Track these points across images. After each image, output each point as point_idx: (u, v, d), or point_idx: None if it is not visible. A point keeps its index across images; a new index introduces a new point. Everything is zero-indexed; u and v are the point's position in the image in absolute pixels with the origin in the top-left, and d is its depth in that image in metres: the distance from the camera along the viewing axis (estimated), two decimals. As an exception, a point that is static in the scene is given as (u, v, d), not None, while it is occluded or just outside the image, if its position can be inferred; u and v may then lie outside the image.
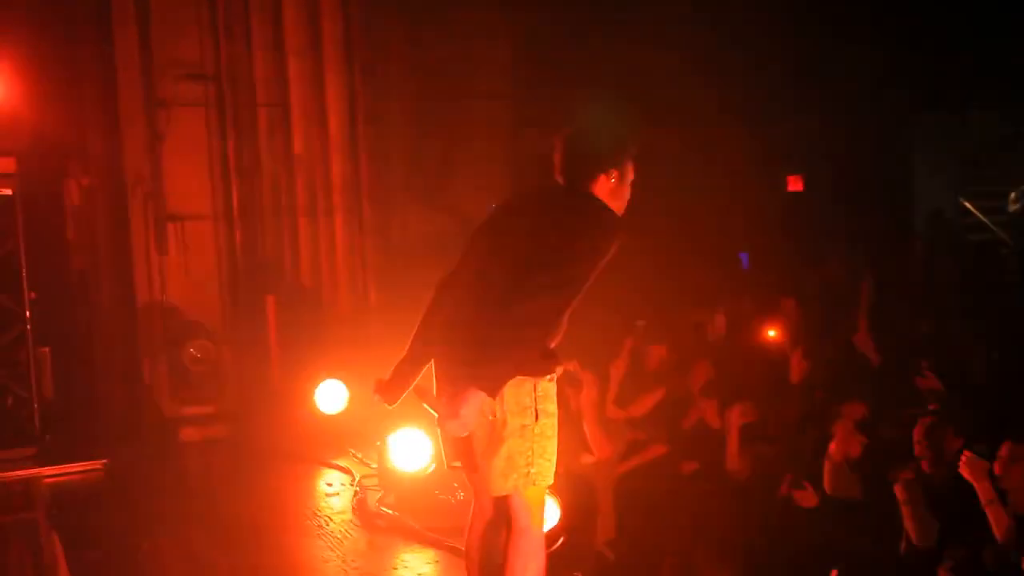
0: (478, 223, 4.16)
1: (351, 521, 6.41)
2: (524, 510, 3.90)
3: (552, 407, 3.83)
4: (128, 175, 8.61)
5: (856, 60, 10.76)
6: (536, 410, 3.76)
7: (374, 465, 6.94)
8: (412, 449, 6.42)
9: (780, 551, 6.18)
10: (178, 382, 8.38)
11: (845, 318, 7.81)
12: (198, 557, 5.88)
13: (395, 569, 5.64)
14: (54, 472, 7.26)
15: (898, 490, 5.41)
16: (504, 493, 3.90)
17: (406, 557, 5.79)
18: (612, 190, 3.92)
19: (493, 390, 3.59)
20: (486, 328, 3.65)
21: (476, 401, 3.57)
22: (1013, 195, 11.27)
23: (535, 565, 3.94)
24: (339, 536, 6.18)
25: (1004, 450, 5.25)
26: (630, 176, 3.99)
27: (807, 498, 6.10)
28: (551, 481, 3.96)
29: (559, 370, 3.88)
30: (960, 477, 5.11)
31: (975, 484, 5.10)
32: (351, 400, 7.93)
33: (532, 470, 3.83)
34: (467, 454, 3.97)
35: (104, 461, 7.44)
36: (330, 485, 7.14)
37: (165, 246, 8.69)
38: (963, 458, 5.15)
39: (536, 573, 3.95)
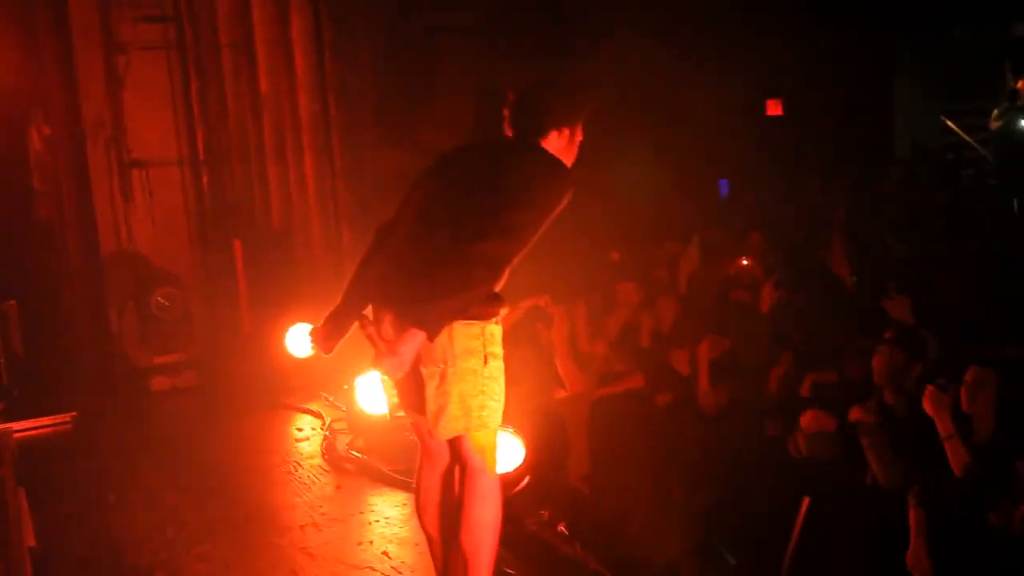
0: (422, 170, 4.07)
1: (320, 466, 6.36)
2: (478, 452, 3.88)
3: (499, 349, 3.80)
4: (88, 122, 8.42)
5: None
6: (485, 354, 3.72)
7: (344, 408, 6.86)
8: (381, 392, 6.33)
9: (755, 479, 6.15)
10: (146, 331, 8.27)
11: (822, 244, 7.70)
12: (165, 507, 5.84)
13: (361, 513, 5.61)
14: (23, 427, 7.18)
15: (860, 434, 5.35)
16: (454, 435, 3.86)
17: (373, 500, 5.76)
18: (561, 148, 3.87)
19: (434, 331, 3.53)
20: (431, 268, 3.57)
21: (416, 341, 3.51)
22: (996, 112, 11.08)
23: (492, 505, 3.93)
24: (307, 481, 6.14)
25: (969, 375, 5.16)
26: (579, 136, 3.94)
27: (772, 427, 6.07)
28: (499, 422, 3.94)
29: (503, 312, 3.81)
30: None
31: (935, 418, 5.03)
32: (322, 343, 7.81)
33: (483, 413, 3.81)
34: (414, 398, 3.88)
35: (73, 414, 7.37)
36: (300, 430, 7.08)
37: (130, 193, 8.54)
38: (926, 392, 5.08)
39: (493, 513, 3.93)
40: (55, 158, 8.68)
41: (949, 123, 12.19)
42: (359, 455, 6.30)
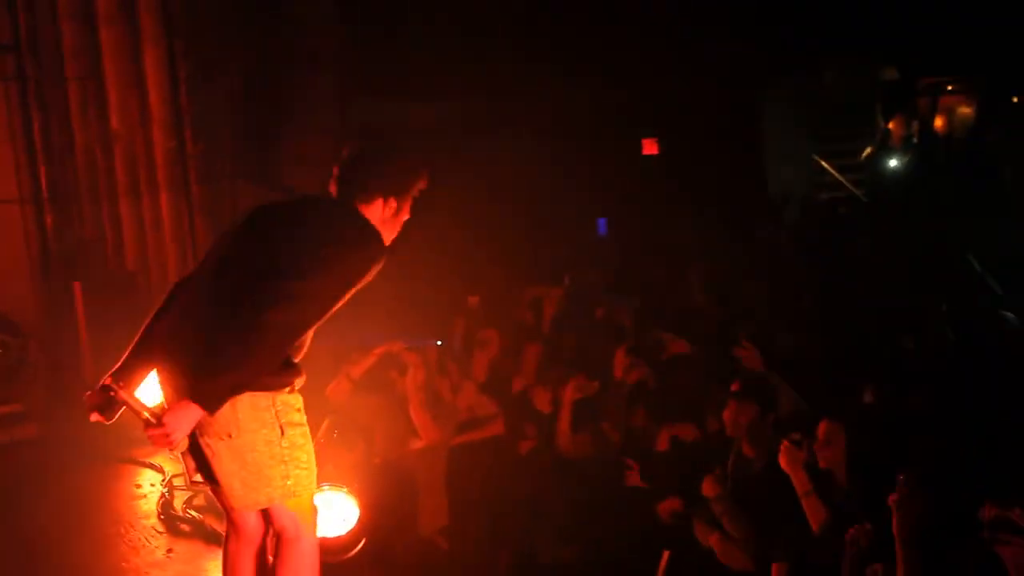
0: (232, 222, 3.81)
1: (153, 527, 5.96)
2: (290, 520, 3.65)
3: (298, 416, 3.55)
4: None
5: (708, 22, 10.55)
6: (280, 425, 3.47)
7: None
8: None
9: (617, 532, 5.97)
10: (-19, 381, 7.76)
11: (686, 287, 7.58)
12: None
13: (190, 579, 5.23)
14: None
15: (707, 493, 5.22)
16: (258, 507, 3.64)
17: (205, 566, 5.41)
18: (385, 219, 3.64)
19: (212, 406, 3.23)
20: (215, 334, 3.26)
21: (189, 414, 3.20)
22: (867, 151, 11.22)
23: (308, 573, 3.70)
24: (138, 544, 5.74)
25: (820, 430, 5.03)
26: (406, 214, 3.73)
27: (633, 478, 5.92)
28: (314, 488, 3.71)
29: (300, 382, 3.56)
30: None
31: (791, 475, 4.89)
32: (169, 392, 7.41)
33: (288, 483, 3.55)
34: (204, 469, 3.58)
35: None
36: (139, 487, 6.65)
37: (-34, 233, 8.04)
38: (780, 448, 4.94)
39: None
40: None
41: (823, 163, 12.30)
42: (196, 515, 5.91)
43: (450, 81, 9.78)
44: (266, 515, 3.72)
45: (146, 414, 3.29)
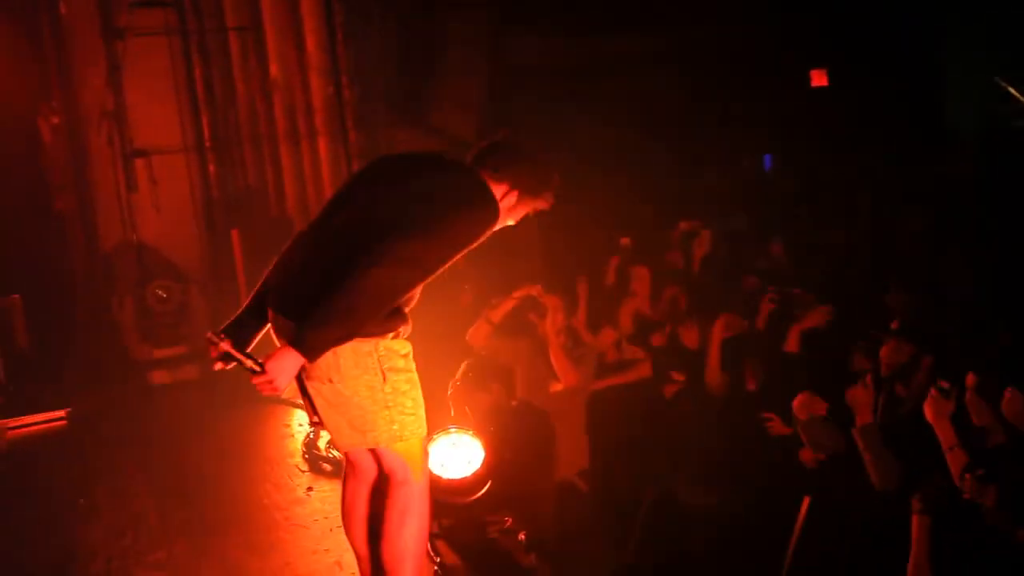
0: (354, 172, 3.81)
1: (297, 465, 6.12)
2: (399, 464, 3.61)
3: (402, 363, 3.48)
4: (89, 111, 8.27)
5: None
6: (382, 371, 3.42)
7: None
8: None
9: (758, 477, 5.80)
10: (145, 324, 8.10)
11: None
12: (132, 511, 5.67)
13: (326, 518, 5.33)
14: (16, 424, 7.07)
15: (855, 437, 4.96)
16: (364, 448, 3.63)
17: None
18: (508, 202, 3.58)
19: (312, 355, 3.23)
20: (322, 288, 3.24)
21: (291, 362, 3.21)
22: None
23: (414, 519, 3.65)
24: (280, 482, 5.91)
25: (970, 380, 4.72)
26: (520, 212, 3.65)
27: (778, 427, 5.71)
28: (423, 432, 3.64)
29: (406, 330, 3.51)
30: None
31: (935, 426, 4.60)
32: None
33: (393, 427, 3.51)
34: (313, 412, 3.61)
35: (68, 410, 7.24)
36: (287, 427, 6.86)
37: (134, 182, 8.38)
38: (928, 397, 4.65)
39: (417, 526, 3.67)
40: (62, 148, 8.56)
41: (1011, 89, 11.51)
42: (337, 455, 6.02)
43: (603, 16, 9.56)
44: (376, 457, 3.71)
45: (249, 363, 3.32)
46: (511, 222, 3.70)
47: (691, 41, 10.22)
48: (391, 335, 3.46)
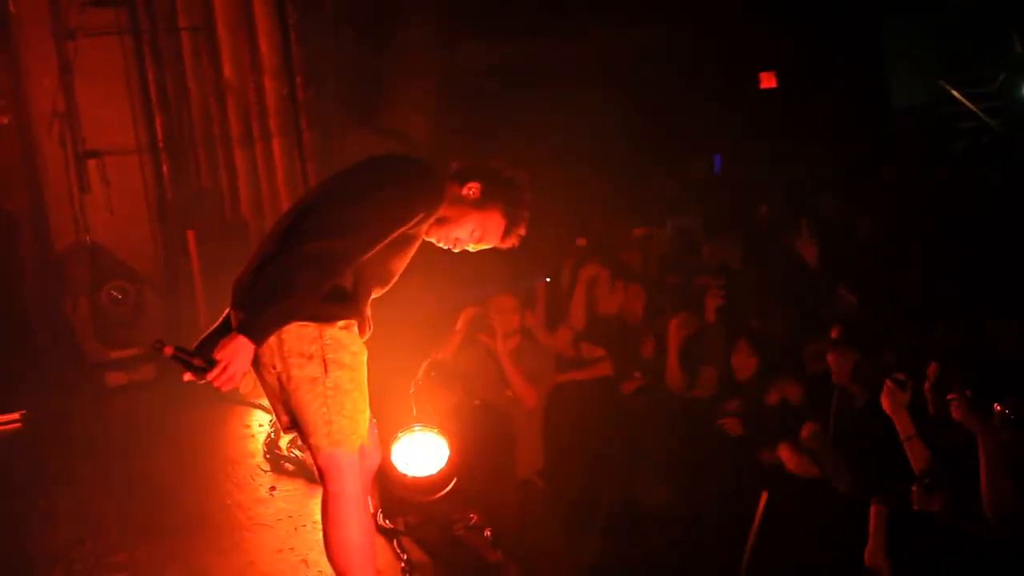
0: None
1: (259, 465, 6.13)
2: (330, 471, 3.50)
3: (348, 358, 3.44)
4: (40, 112, 8.20)
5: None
6: (324, 360, 3.38)
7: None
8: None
9: (717, 474, 5.90)
10: (100, 325, 8.05)
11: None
12: (92, 514, 5.61)
13: (290, 517, 5.36)
14: (-31, 426, 7.00)
15: (806, 441, 5.09)
16: (316, 453, 3.51)
17: (306, 503, 5.51)
18: (459, 199, 3.60)
19: (258, 336, 3.21)
20: (261, 269, 3.29)
21: (240, 348, 3.20)
22: (1001, 78, 10.70)
23: (351, 527, 3.54)
24: (242, 482, 5.92)
25: (931, 371, 4.86)
26: (467, 224, 3.63)
27: (734, 427, 5.85)
28: (356, 442, 3.51)
29: (355, 322, 3.50)
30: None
31: (893, 417, 4.73)
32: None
33: (330, 428, 3.43)
34: (272, 406, 3.63)
35: (22, 412, 7.18)
36: (247, 427, 6.85)
37: (87, 183, 8.32)
38: (884, 388, 4.77)
39: (355, 533, 3.55)
40: (11, 149, 8.47)
41: (952, 91, 11.78)
42: (299, 454, 6.04)
43: (552, 20, 9.64)
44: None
45: (198, 361, 3.29)
46: (460, 235, 3.64)
47: (641, 44, 10.35)
48: (340, 323, 3.43)
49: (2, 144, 8.57)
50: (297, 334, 3.34)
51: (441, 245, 3.68)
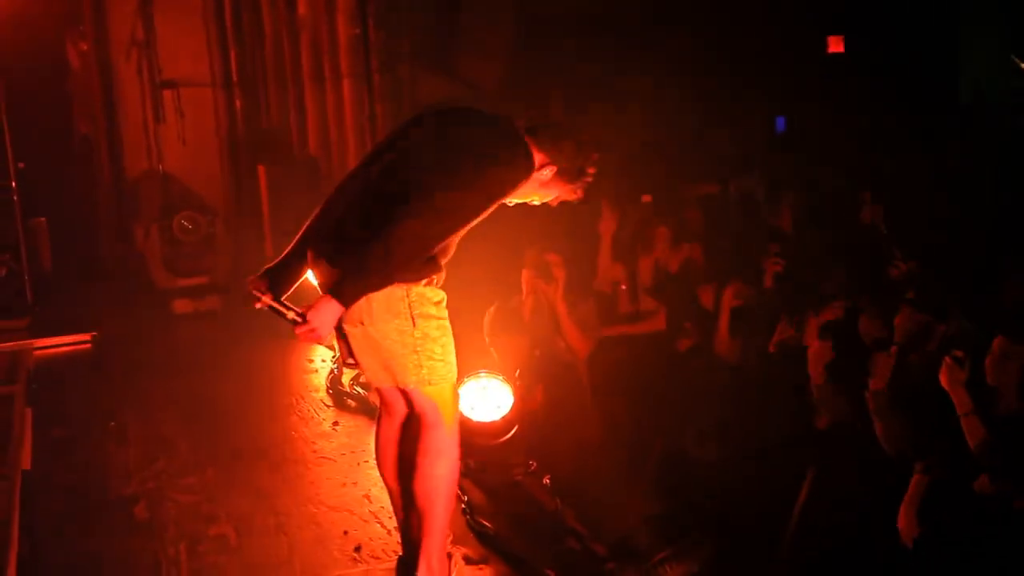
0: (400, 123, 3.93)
1: (322, 400, 6.33)
2: (430, 407, 3.75)
3: (434, 310, 3.62)
4: (119, 41, 8.35)
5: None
6: (412, 316, 3.56)
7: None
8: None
9: (766, 436, 6.00)
10: (170, 253, 8.25)
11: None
12: (163, 436, 5.86)
13: (353, 452, 5.54)
14: (43, 344, 7.24)
15: (868, 400, 5.15)
16: (395, 387, 3.77)
17: (367, 440, 5.63)
18: (546, 174, 3.73)
19: (348, 301, 3.40)
20: (360, 236, 3.43)
21: (331, 311, 3.38)
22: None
23: (445, 461, 3.79)
24: (307, 416, 6.11)
25: (996, 346, 4.91)
26: (549, 191, 3.80)
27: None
28: (453, 379, 3.77)
29: (439, 278, 3.65)
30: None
31: (951, 393, 4.80)
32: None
33: (423, 372, 3.65)
34: (351, 352, 3.78)
35: (93, 333, 7.41)
36: (311, 362, 7.05)
37: (162, 113, 8.48)
38: (943, 365, 4.84)
39: (447, 468, 3.80)
40: (91, 76, 8.64)
41: (1022, 65, 11.63)
42: (361, 391, 6.23)
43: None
44: (408, 397, 3.81)
45: (291, 315, 3.48)
46: (536, 200, 3.84)
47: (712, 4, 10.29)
48: (423, 282, 3.59)
49: (81, 70, 8.73)
50: (386, 294, 3.50)
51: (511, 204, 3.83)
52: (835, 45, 11.17)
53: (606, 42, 9.70)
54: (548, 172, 3.74)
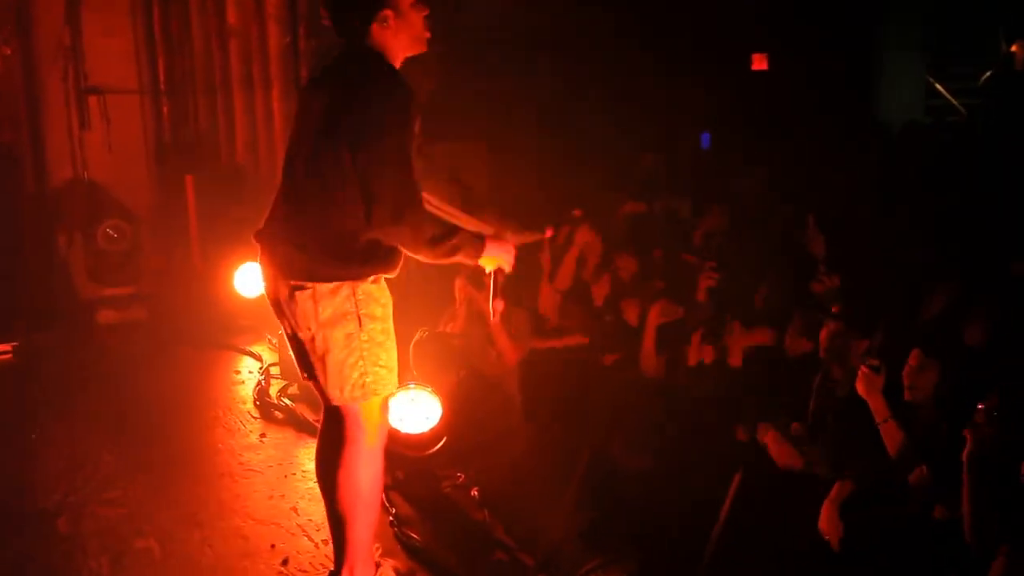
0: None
1: (249, 412, 6.30)
2: (354, 421, 3.74)
3: (378, 310, 3.63)
4: (45, 45, 8.22)
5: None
6: (359, 316, 3.56)
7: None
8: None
9: (692, 447, 6.09)
10: (94, 263, 8.15)
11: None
12: (86, 448, 5.77)
13: (280, 464, 5.53)
14: (-39, 354, 7.10)
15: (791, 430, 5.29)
16: (341, 403, 3.73)
17: (295, 452, 5.68)
18: (393, 32, 3.60)
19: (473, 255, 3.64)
20: (305, 226, 3.53)
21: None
22: (986, 76, 10.87)
23: (365, 475, 3.78)
24: (234, 427, 6.07)
25: (912, 359, 5.05)
26: (407, 2, 3.60)
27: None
28: (392, 389, 3.82)
29: (389, 274, 3.67)
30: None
31: (868, 400, 4.93)
32: (272, 284, 7.71)
33: (367, 379, 3.66)
34: (301, 361, 3.78)
35: (14, 344, 7.29)
36: (238, 373, 7.00)
37: (87, 120, 8.37)
38: (859, 373, 4.97)
39: (367, 482, 3.80)
40: (14, 80, 8.49)
41: (937, 85, 11.97)
42: (289, 403, 6.21)
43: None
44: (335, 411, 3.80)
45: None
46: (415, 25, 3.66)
47: (638, 17, 10.42)
48: (370, 279, 3.60)
49: (4, 74, 8.58)
50: (331, 295, 3.52)
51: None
52: (759, 63, 11.40)
53: (533, 56, 9.81)
54: (389, 19, 3.59)
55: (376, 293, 3.61)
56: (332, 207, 3.48)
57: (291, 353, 3.88)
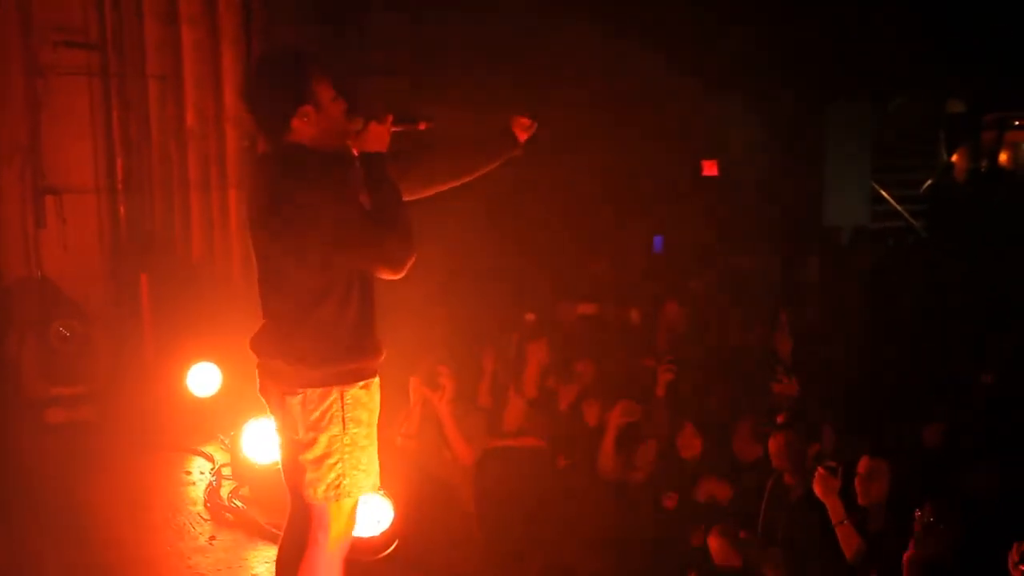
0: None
1: (199, 514, 6.21)
2: (319, 522, 3.74)
3: (364, 415, 3.65)
4: (4, 144, 8.25)
5: (772, 46, 10.59)
6: (344, 419, 3.59)
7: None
8: (268, 439, 6.20)
9: (647, 549, 6.11)
10: (45, 361, 8.07)
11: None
12: (30, 552, 5.66)
13: (229, 568, 5.46)
14: (-92, 455, 6.97)
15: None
16: (314, 502, 3.73)
17: (245, 555, 5.62)
18: (316, 123, 3.55)
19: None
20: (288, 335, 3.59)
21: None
22: (928, 183, 11.24)
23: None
24: (183, 530, 5.99)
25: (862, 466, 5.15)
26: (328, 95, 3.58)
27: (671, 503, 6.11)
28: (365, 492, 3.80)
29: (373, 360, 3.69)
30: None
31: (825, 502, 5.02)
32: (224, 384, 7.70)
33: (344, 482, 3.67)
34: (285, 459, 3.81)
35: (-44, 445, 7.17)
36: (188, 474, 6.93)
37: (43, 219, 8.36)
38: (816, 475, 5.06)
39: None
40: (-30, 178, 8.48)
41: (882, 192, 12.30)
42: (240, 505, 6.15)
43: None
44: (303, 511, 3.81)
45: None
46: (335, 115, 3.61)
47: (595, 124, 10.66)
48: (360, 384, 3.63)
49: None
50: (320, 400, 3.56)
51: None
52: (709, 169, 11.69)
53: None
54: (309, 114, 3.52)
55: (364, 399, 3.65)
56: (302, 307, 3.55)
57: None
